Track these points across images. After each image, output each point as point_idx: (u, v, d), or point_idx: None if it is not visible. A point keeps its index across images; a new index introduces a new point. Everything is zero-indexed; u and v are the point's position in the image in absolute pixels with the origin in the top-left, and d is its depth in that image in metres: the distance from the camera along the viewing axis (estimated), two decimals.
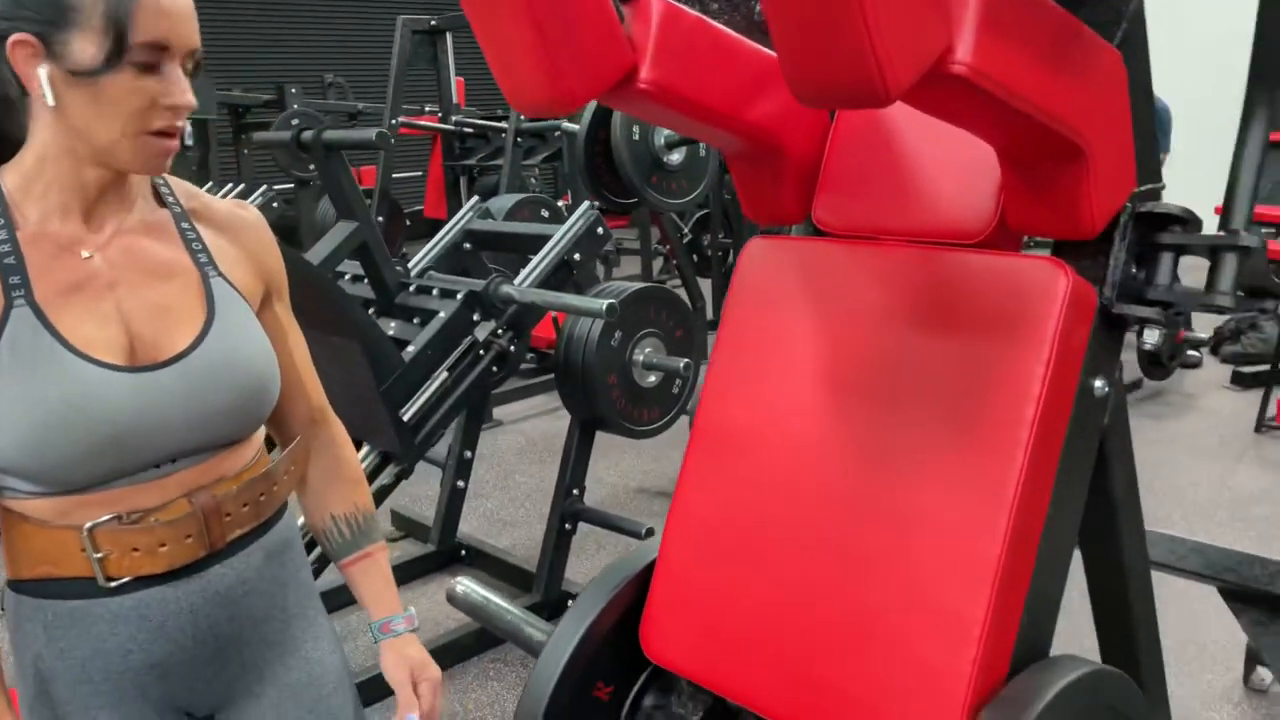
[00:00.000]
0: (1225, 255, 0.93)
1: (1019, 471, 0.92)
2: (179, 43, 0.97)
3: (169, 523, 1.01)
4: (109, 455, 0.98)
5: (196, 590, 1.04)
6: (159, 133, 0.98)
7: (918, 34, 0.69)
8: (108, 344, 1.00)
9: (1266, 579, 1.42)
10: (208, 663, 1.07)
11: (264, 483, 1.10)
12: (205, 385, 1.03)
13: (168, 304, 1.04)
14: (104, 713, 1.03)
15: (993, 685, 0.91)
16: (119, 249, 1.05)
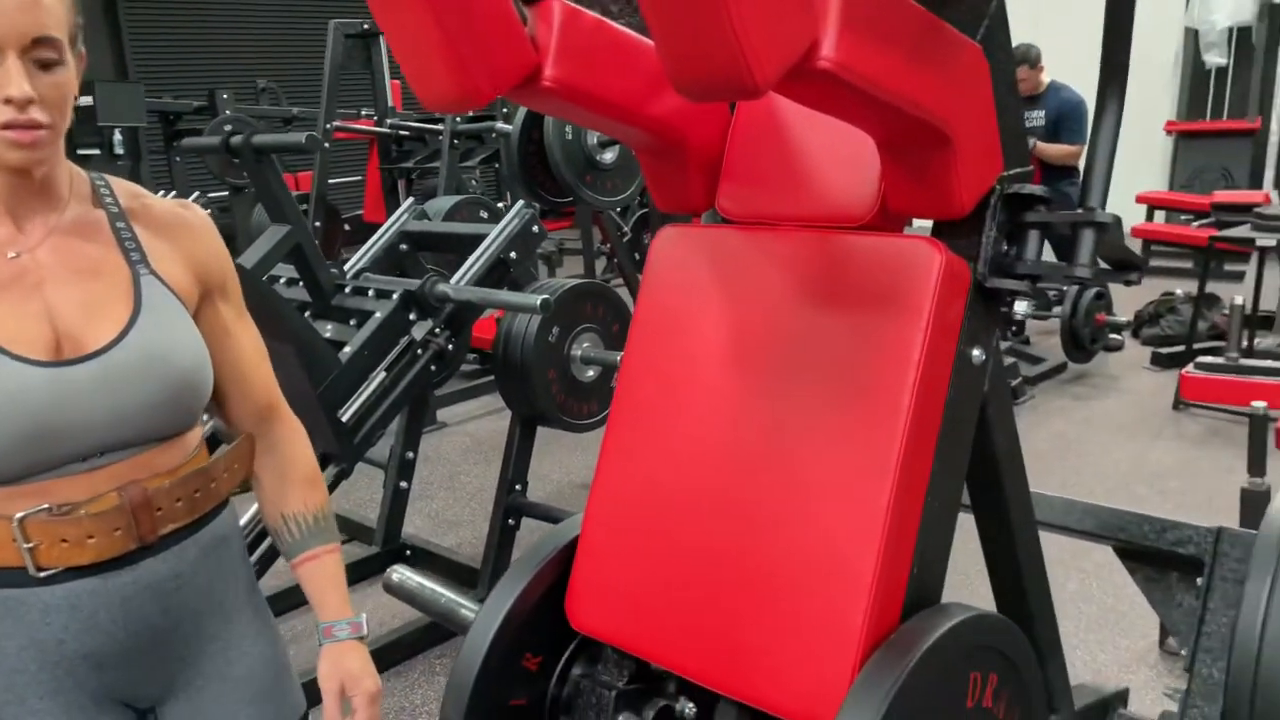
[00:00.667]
0: (1084, 231, 1.02)
1: (902, 434, 1.00)
2: (9, 35, 0.96)
3: (97, 515, 1.02)
4: (31, 448, 0.99)
5: (128, 582, 1.05)
6: (5, 126, 0.97)
7: (782, 30, 0.76)
8: (31, 341, 1.01)
9: (1154, 536, 1.52)
10: (143, 654, 1.09)
11: (200, 479, 1.11)
12: (127, 380, 1.04)
13: (94, 300, 1.05)
14: (41, 702, 1.05)
15: (885, 630, 0.98)
16: (49, 248, 1.06)
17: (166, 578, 1.08)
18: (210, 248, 1.16)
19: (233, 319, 1.18)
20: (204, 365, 1.10)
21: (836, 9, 0.80)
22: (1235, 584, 1.37)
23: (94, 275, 1.06)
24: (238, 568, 1.18)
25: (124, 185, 1.14)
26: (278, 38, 9.33)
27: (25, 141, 0.99)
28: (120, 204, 1.11)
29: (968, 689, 1.01)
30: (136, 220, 1.11)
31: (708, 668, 1.08)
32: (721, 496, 1.10)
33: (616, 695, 1.20)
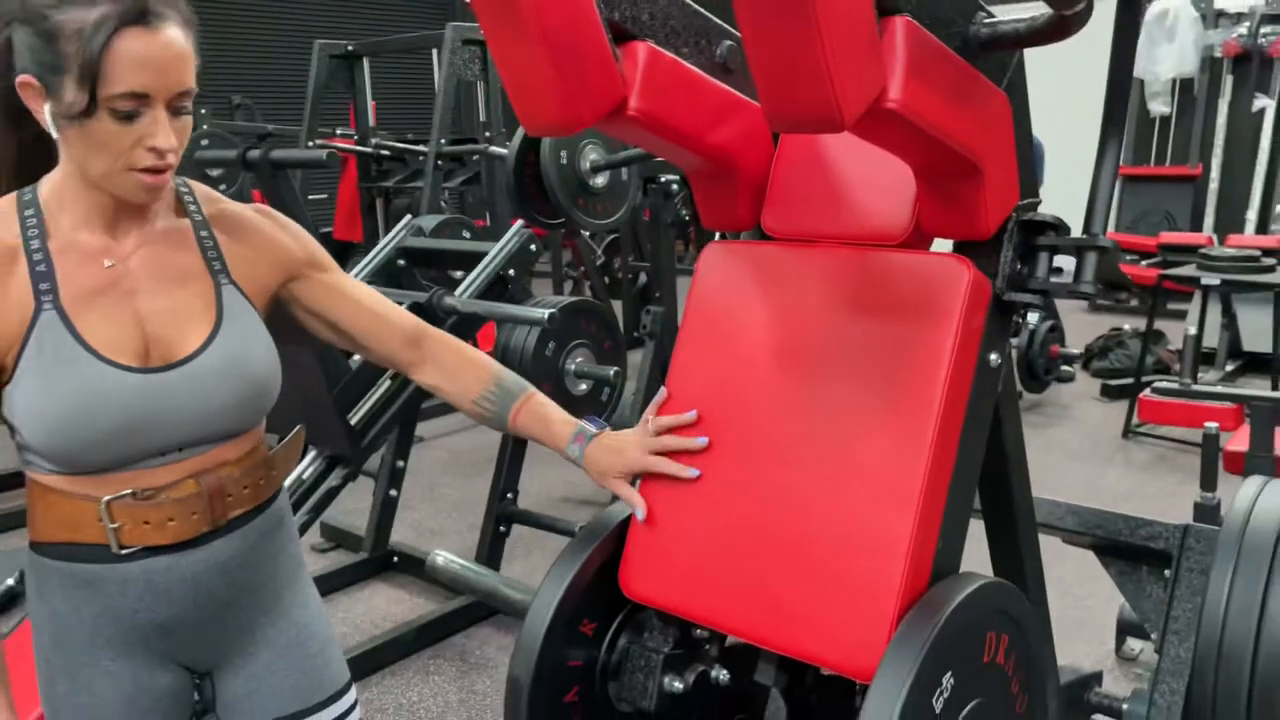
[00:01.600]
0: (1088, 254, 1.19)
1: (935, 425, 1.16)
2: (160, 90, 1.03)
3: (178, 500, 1.12)
4: (120, 444, 1.08)
5: (199, 560, 1.16)
6: (146, 171, 1.05)
7: (863, 78, 0.92)
8: (124, 346, 1.10)
9: (1128, 532, 1.70)
10: (207, 624, 1.20)
11: (263, 468, 1.22)
12: (209, 385, 1.13)
13: (181, 309, 1.14)
14: (112, 663, 1.16)
15: (917, 592, 1.13)
16: (141, 258, 1.14)
17: (232, 556, 1.19)
18: (282, 240, 1.25)
19: (336, 280, 1.29)
20: (275, 370, 1.20)
21: (901, 61, 0.97)
22: (1200, 574, 1.55)
23: (180, 284, 1.15)
24: (289, 546, 1.29)
25: (203, 190, 1.24)
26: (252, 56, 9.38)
27: (158, 185, 1.08)
28: (203, 211, 1.20)
29: (985, 646, 1.16)
30: (216, 226, 1.20)
31: (755, 625, 1.22)
32: (769, 478, 1.25)
33: (663, 659, 1.34)
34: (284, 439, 1.33)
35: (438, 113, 5.24)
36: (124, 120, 1.02)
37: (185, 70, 1.05)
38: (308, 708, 1.26)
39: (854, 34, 0.90)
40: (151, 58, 1.01)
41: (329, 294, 1.27)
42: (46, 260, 1.08)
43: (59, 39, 1.00)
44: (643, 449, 1.33)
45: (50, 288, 1.08)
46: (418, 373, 1.35)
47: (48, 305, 1.07)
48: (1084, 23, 1.01)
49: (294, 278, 1.25)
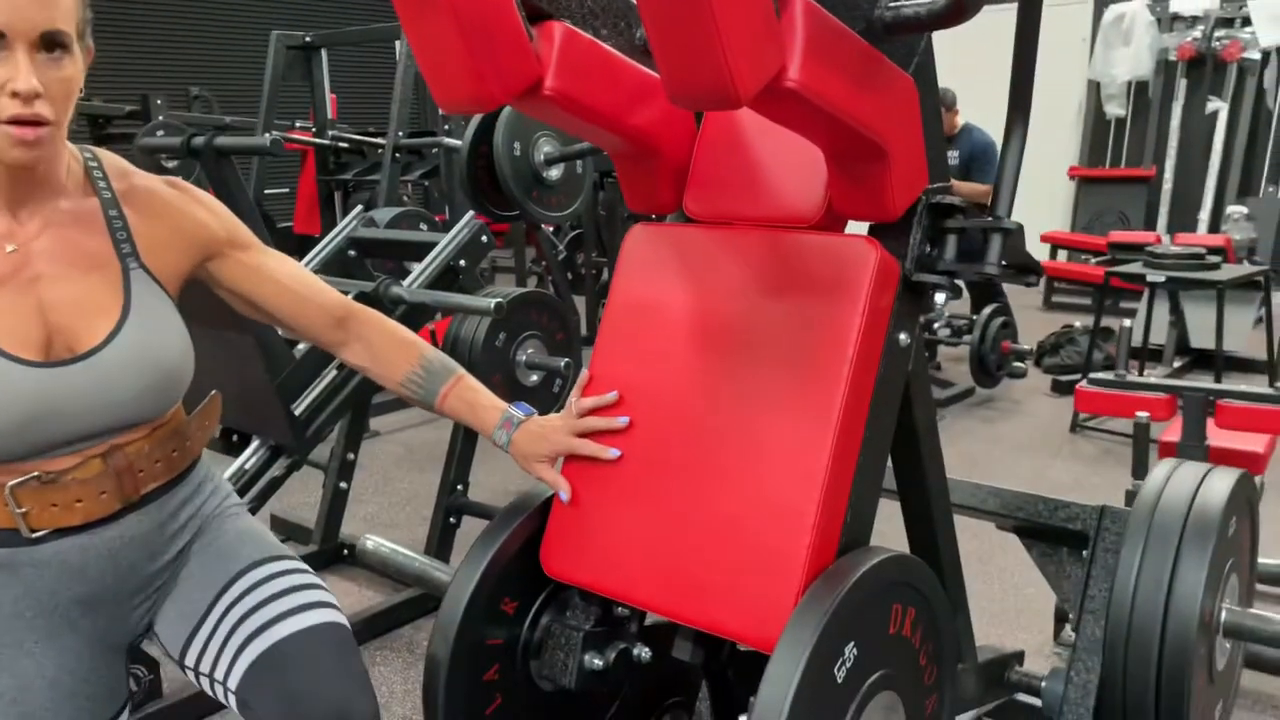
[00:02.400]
0: (993, 235, 1.22)
1: (841, 401, 1.18)
2: (17, 26, 0.96)
3: (84, 481, 1.09)
4: (22, 438, 1.05)
5: (114, 537, 1.14)
6: (10, 121, 0.98)
7: (758, 56, 0.94)
8: (25, 338, 1.05)
9: (1048, 514, 1.74)
10: (133, 594, 1.18)
11: (175, 439, 1.18)
12: (114, 378, 1.08)
13: (87, 297, 1.09)
14: (36, 645, 1.13)
15: (823, 565, 1.16)
16: (45, 241, 1.08)
17: (151, 529, 1.17)
18: (198, 216, 1.20)
19: (257, 259, 1.25)
20: (187, 357, 1.16)
21: (800, 41, 0.99)
22: (1114, 554, 1.59)
23: (87, 270, 1.10)
24: (213, 498, 1.26)
25: (114, 163, 1.18)
26: (210, 47, 9.28)
27: (29, 139, 1.00)
28: (113, 188, 1.15)
29: (890, 618, 1.19)
30: (127, 203, 1.15)
31: (669, 601, 1.24)
32: (683, 454, 1.27)
33: (584, 636, 1.35)
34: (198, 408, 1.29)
35: (395, 105, 5.22)
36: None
37: (50, 9, 0.98)
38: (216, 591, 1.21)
39: (749, 11, 0.92)
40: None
41: (249, 273, 1.25)
42: None
43: None
44: (566, 430, 1.34)
45: None
46: (344, 352, 1.34)
47: None
48: (979, 7, 1.04)
49: (211, 257, 1.22)
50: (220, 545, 1.24)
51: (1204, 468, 1.62)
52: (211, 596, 1.21)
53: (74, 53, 1.03)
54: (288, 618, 1.18)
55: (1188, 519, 1.50)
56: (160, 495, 1.18)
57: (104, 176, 1.15)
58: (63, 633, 1.14)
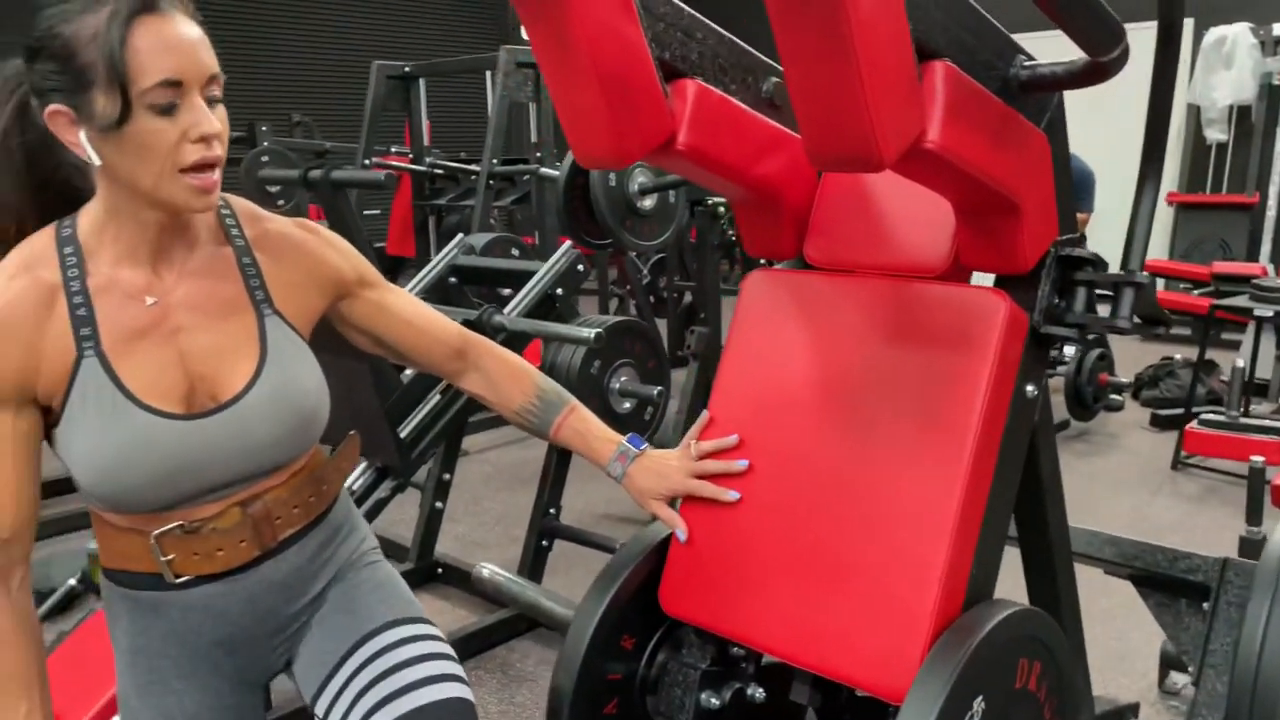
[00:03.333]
0: (1124, 289, 1.22)
1: (970, 454, 1.19)
2: (191, 73, 0.99)
3: (224, 530, 1.12)
4: (167, 489, 1.08)
5: (254, 582, 1.16)
6: (195, 167, 1.01)
7: (903, 121, 0.96)
8: (168, 390, 1.07)
9: (1167, 564, 1.71)
10: (272, 635, 1.21)
11: (312, 485, 1.20)
12: (254, 425, 1.11)
13: (225, 345, 1.11)
14: (180, 682, 1.18)
15: (950, 617, 1.16)
16: (184, 292, 1.11)
17: (288, 574, 1.20)
18: (330, 259, 1.22)
19: (383, 297, 1.28)
20: (323, 400, 1.18)
21: (940, 104, 1.01)
22: (1238, 608, 1.56)
23: (223, 318, 1.12)
24: (350, 543, 1.29)
25: (245, 209, 1.20)
26: (310, 74, 9.62)
27: (210, 187, 1.03)
28: (245, 234, 1.17)
29: (1017, 672, 1.19)
30: (259, 249, 1.17)
31: (790, 645, 1.26)
32: (805, 500, 1.29)
33: (701, 675, 1.37)
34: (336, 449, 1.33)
35: (490, 134, 5.34)
36: (163, 114, 0.98)
37: (209, 54, 1.02)
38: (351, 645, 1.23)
39: (894, 78, 0.94)
40: (174, 42, 0.98)
41: (377, 312, 1.28)
42: (86, 302, 1.06)
43: (76, 52, 0.97)
44: (685, 472, 1.36)
45: (91, 333, 1.05)
46: (462, 381, 1.37)
47: (89, 352, 1.05)
48: (1120, 68, 1.04)
49: (342, 297, 1.25)
50: (357, 596, 1.26)
51: None
52: (346, 649, 1.23)
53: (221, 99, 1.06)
54: (421, 687, 1.19)
55: None
56: (297, 540, 1.20)
57: (236, 224, 1.18)
58: (205, 671, 1.19)
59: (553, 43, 1.13)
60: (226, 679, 1.21)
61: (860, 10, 0.88)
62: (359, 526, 1.33)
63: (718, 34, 1.25)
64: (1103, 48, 1.01)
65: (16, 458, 1.06)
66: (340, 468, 1.28)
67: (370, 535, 1.34)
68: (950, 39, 1.03)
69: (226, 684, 1.21)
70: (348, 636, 1.23)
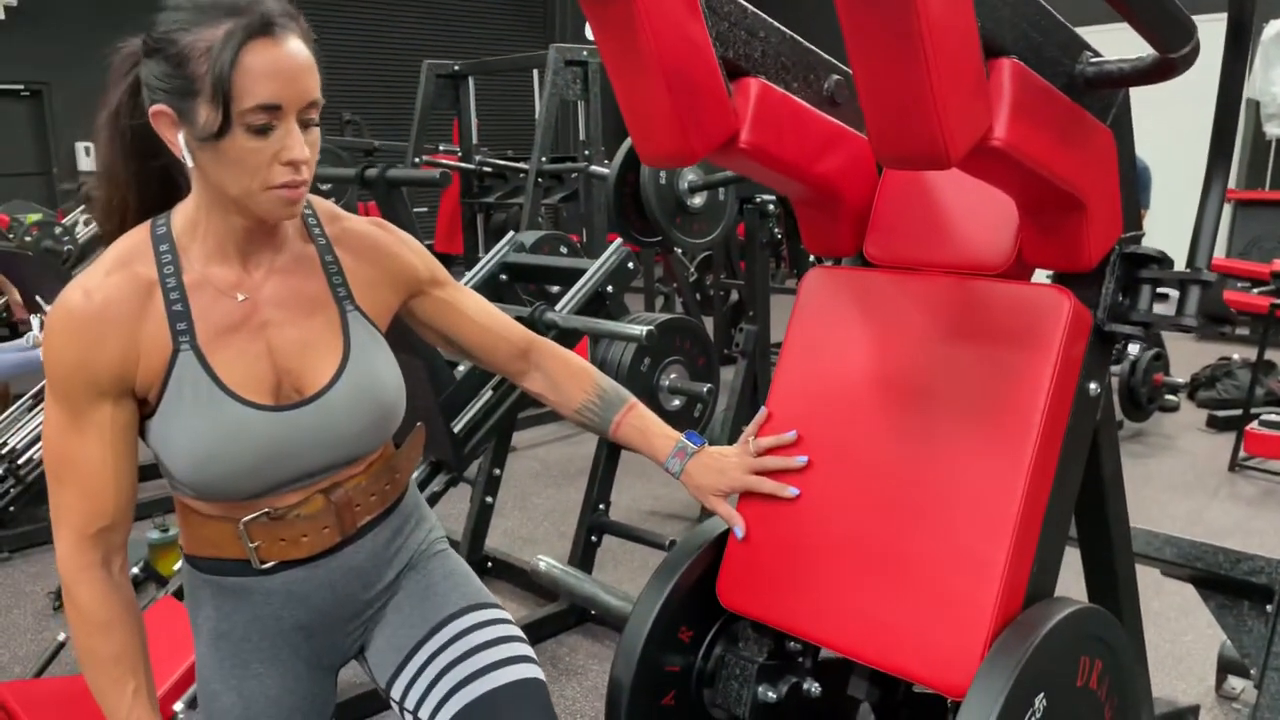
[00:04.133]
0: (1191, 287, 1.21)
1: (1032, 450, 1.19)
2: (290, 100, 1.03)
3: (308, 518, 1.17)
4: (258, 478, 1.12)
5: (335, 568, 1.21)
6: (281, 187, 1.05)
7: (970, 118, 0.97)
8: (257, 383, 1.12)
9: (1229, 566, 1.69)
10: (349, 620, 1.26)
11: (387, 473, 1.25)
12: (339, 417, 1.15)
13: (310, 340, 1.15)
14: (261, 666, 1.22)
15: (1010, 614, 1.16)
16: (271, 289, 1.15)
17: (366, 559, 1.24)
18: (405, 257, 1.27)
19: (452, 296, 1.33)
20: (401, 393, 1.22)
21: (1007, 101, 1.01)
22: None
23: (309, 313, 1.16)
24: (421, 532, 1.33)
25: (325, 208, 1.25)
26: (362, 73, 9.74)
27: (296, 199, 1.08)
28: (326, 233, 1.22)
29: (1078, 670, 1.18)
30: (340, 247, 1.22)
31: (849, 640, 1.26)
32: (865, 495, 1.29)
33: (758, 669, 1.38)
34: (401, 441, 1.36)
35: (539, 132, 5.37)
36: (258, 135, 1.02)
37: (312, 80, 1.06)
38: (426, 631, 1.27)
39: (962, 76, 0.95)
40: (280, 68, 1.02)
41: (447, 310, 1.32)
42: (182, 298, 1.10)
43: (189, 61, 1.01)
44: (743, 468, 1.37)
45: (186, 327, 1.09)
46: (525, 381, 1.41)
47: (185, 345, 1.09)
48: (1190, 65, 1.04)
49: (415, 295, 1.29)
50: (430, 584, 1.31)
51: None
52: (420, 635, 1.27)
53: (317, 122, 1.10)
54: (497, 669, 1.24)
55: None
56: (374, 527, 1.25)
57: (318, 223, 1.22)
58: (285, 655, 1.24)
59: (618, 42, 1.15)
60: (305, 663, 1.25)
61: (930, 9, 0.89)
62: (427, 516, 1.37)
63: (780, 32, 1.26)
64: (1173, 44, 1.01)
65: (116, 447, 1.10)
66: (410, 457, 1.32)
67: (437, 525, 1.39)
68: (1017, 36, 1.03)
69: (304, 667, 1.25)
70: (423, 623, 1.28)
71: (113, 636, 1.14)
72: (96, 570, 1.13)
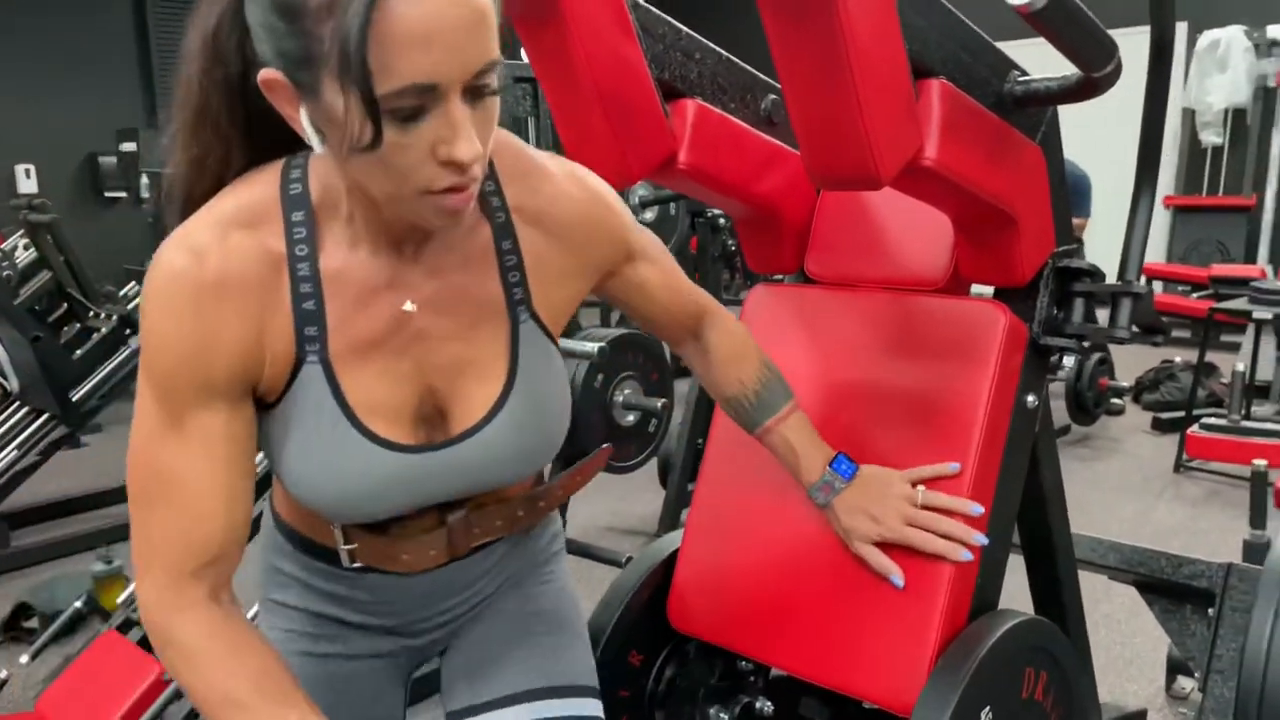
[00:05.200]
0: (1122, 299, 1.23)
1: (972, 463, 1.20)
2: (452, 74, 0.72)
3: (417, 537, 0.98)
4: (370, 507, 0.92)
5: (433, 582, 1.03)
6: (445, 191, 0.77)
7: (900, 139, 0.98)
8: (395, 411, 0.89)
9: (1171, 570, 1.71)
10: (437, 629, 1.09)
11: (524, 504, 1.04)
12: (491, 453, 0.93)
13: (470, 359, 0.91)
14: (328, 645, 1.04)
15: (956, 628, 1.17)
16: (431, 291, 0.89)
17: (472, 577, 1.06)
18: (613, 234, 0.99)
19: (642, 275, 1.07)
20: (565, 421, 0.98)
21: (937, 122, 1.02)
22: (1243, 613, 1.56)
23: (473, 325, 0.91)
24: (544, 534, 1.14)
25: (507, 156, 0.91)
26: None
27: (460, 208, 0.79)
28: (506, 200, 0.91)
29: (1023, 682, 1.19)
30: (525, 221, 0.92)
31: (800, 660, 1.26)
32: (811, 514, 1.29)
33: (709, 690, 1.38)
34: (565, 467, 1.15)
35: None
36: (406, 123, 0.72)
37: (483, 36, 0.73)
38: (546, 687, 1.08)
39: (891, 98, 0.96)
40: (434, 27, 0.69)
41: (635, 288, 1.07)
42: (316, 292, 0.84)
43: (302, 16, 0.70)
44: (902, 517, 1.18)
45: (318, 334, 0.84)
46: (681, 349, 1.20)
47: (312, 356, 0.84)
48: (1113, 83, 1.06)
49: (609, 276, 1.03)
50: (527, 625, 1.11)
51: None
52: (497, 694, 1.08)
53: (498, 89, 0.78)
54: None
55: None
56: (487, 547, 1.05)
57: (496, 187, 0.90)
58: (360, 647, 1.08)
59: (553, 64, 1.15)
60: (384, 662, 1.10)
61: (857, 33, 0.90)
62: (552, 519, 1.16)
63: (716, 54, 1.27)
64: (1096, 64, 1.03)
65: (230, 463, 0.85)
66: (567, 485, 1.10)
67: (560, 529, 1.19)
68: (945, 57, 1.04)
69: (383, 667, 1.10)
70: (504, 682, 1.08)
71: (247, 660, 0.85)
72: (200, 609, 0.86)
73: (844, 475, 1.20)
